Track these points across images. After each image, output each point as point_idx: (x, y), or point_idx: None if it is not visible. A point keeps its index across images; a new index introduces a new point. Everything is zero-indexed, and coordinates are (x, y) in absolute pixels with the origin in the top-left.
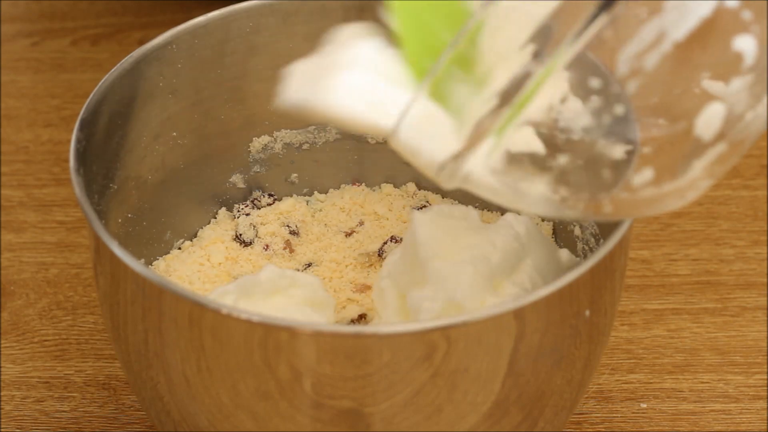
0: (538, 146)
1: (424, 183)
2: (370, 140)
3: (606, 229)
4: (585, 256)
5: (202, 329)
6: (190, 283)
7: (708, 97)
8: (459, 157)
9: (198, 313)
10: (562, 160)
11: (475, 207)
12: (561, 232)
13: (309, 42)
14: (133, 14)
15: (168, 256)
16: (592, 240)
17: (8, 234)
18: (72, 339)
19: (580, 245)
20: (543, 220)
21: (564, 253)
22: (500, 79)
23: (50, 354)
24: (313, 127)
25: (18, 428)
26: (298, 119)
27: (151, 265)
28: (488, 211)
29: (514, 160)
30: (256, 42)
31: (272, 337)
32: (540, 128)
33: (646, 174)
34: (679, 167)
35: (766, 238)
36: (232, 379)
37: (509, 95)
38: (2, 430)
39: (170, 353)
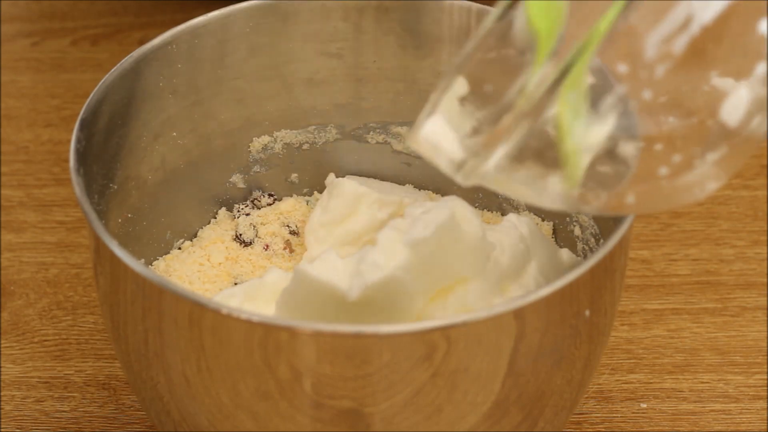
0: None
1: (423, 183)
2: (369, 140)
3: (606, 229)
4: (585, 256)
5: (202, 329)
6: (190, 283)
7: (732, 83)
8: (479, 155)
9: (198, 313)
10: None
11: (475, 207)
12: (561, 232)
13: (309, 42)
14: (133, 14)
15: (168, 256)
16: (592, 240)
17: (8, 234)
18: (72, 339)
19: (580, 245)
20: (543, 219)
21: (565, 253)
22: (522, 78)
23: (50, 354)
24: (313, 127)
25: (18, 428)
26: (299, 119)
27: (151, 265)
28: (488, 211)
29: (530, 157)
30: (256, 42)
31: (272, 337)
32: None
33: (670, 165)
34: (698, 156)
35: (766, 238)
36: (232, 379)
37: (533, 95)
38: (2, 430)
39: (170, 353)
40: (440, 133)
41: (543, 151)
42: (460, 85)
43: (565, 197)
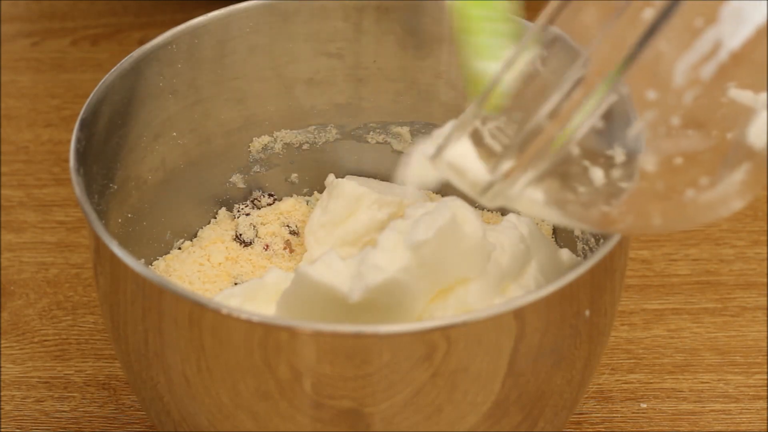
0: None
1: None
2: (369, 140)
3: None
4: (585, 256)
5: (202, 329)
6: (190, 283)
7: (759, 103)
8: (507, 179)
9: (198, 313)
10: (600, 176)
11: (475, 207)
12: (561, 232)
13: (309, 42)
14: (133, 14)
15: (168, 256)
16: (592, 240)
17: (8, 234)
18: (72, 339)
19: (580, 245)
20: (543, 219)
21: (565, 253)
22: (551, 102)
23: (50, 354)
24: (313, 127)
25: (18, 428)
26: (299, 119)
27: (151, 265)
28: (488, 211)
29: (557, 180)
30: (256, 42)
31: (272, 337)
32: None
33: (696, 185)
34: (724, 175)
35: (766, 238)
36: (232, 379)
37: (564, 120)
38: (2, 430)
39: (170, 353)
40: (465, 157)
41: (569, 174)
42: (485, 110)
43: (591, 219)
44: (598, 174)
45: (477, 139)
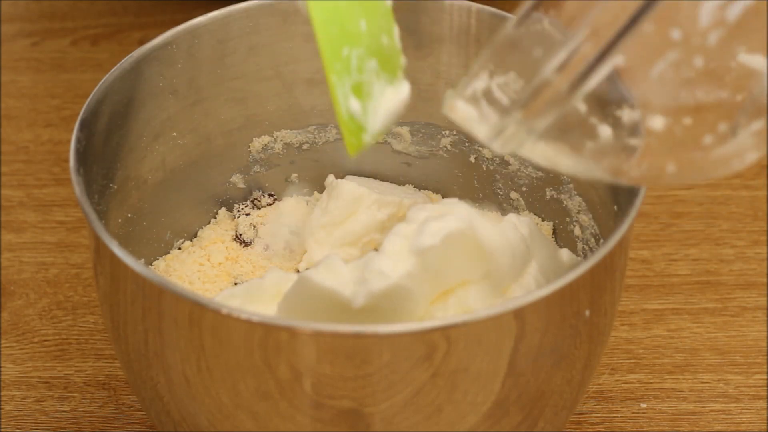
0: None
1: (423, 183)
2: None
3: (606, 229)
4: (585, 256)
5: (202, 329)
6: (190, 283)
7: None
8: (519, 124)
9: (198, 313)
10: (611, 127)
11: (475, 206)
12: (561, 232)
13: (309, 42)
14: (133, 14)
15: (168, 256)
16: (592, 240)
17: (8, 234)
18: (72, 339)
19: (580, 245)
20: (543, 219)
21: (565, 253)
22: (559, 57)
23: (50, 354)
24: (313, 127)
25: (18, 428)
26: (299, 119)
27: (151, 265)
28: (488, 211)
29: (569, 127)
30: (256, 42)
31: (272, 337)
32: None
33: (714, 133)
34: (741, 126)
35: (766, 238)
36: (232, 379)
37: (572, 71)
38: (2, 430)
39: (170, 353)
40: (477, 103)
41: (582, 122)
42: (498, 59)
43: (604, 168)
44: (608, 125)
45: (487, 93)
